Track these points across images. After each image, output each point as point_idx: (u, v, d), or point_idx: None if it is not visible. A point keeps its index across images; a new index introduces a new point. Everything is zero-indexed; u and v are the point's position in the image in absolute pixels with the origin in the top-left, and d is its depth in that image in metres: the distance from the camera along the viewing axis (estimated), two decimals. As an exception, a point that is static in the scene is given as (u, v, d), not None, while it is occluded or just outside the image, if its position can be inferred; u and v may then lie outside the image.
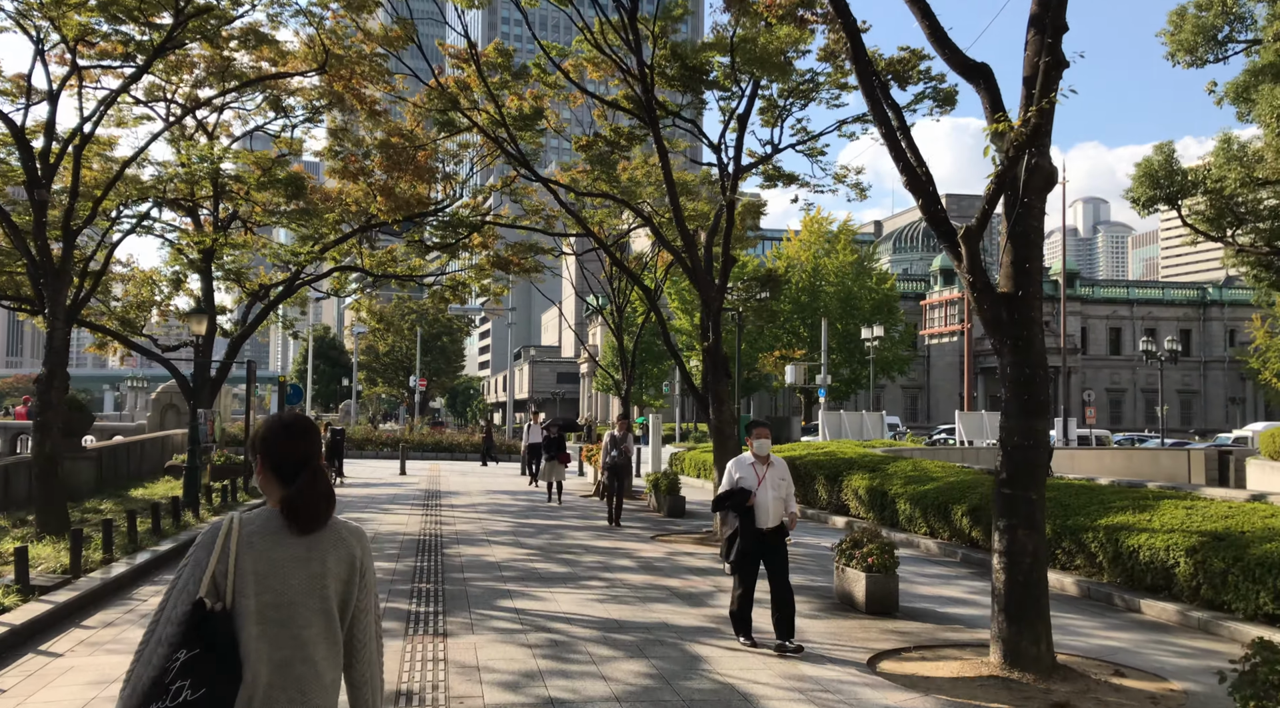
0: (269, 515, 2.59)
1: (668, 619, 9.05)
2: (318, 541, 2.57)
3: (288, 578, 2.51)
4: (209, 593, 2.45)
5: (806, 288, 58.10)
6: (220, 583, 2.47)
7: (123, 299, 24.97)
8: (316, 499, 2.58)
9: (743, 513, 7.71)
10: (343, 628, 2.60)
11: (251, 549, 2.51)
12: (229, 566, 2.48)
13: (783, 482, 7.84)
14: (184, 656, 2.36)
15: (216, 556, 2.49)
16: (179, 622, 2.42)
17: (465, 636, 8.24)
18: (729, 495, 7.78)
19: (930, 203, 7.45)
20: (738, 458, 8.01)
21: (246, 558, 2.50)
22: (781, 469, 7.90)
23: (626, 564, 12.43)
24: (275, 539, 2.54)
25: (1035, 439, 7.23)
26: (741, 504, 7.69)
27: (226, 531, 2.54)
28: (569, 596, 10.13)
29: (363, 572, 2.63)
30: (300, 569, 2.53)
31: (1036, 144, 6.95)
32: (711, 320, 15.16)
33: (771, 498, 7.73)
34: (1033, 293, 7.28)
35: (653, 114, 14.57)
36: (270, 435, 2.65)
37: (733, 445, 15.51)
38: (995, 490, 7.42)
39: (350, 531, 2.67)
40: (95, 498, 17.98)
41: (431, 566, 12.01)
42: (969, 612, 9.79)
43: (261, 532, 2.55)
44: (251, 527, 2.56)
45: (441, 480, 27.14)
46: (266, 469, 2.64)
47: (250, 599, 2.46)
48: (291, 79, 20.35)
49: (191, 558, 2.53)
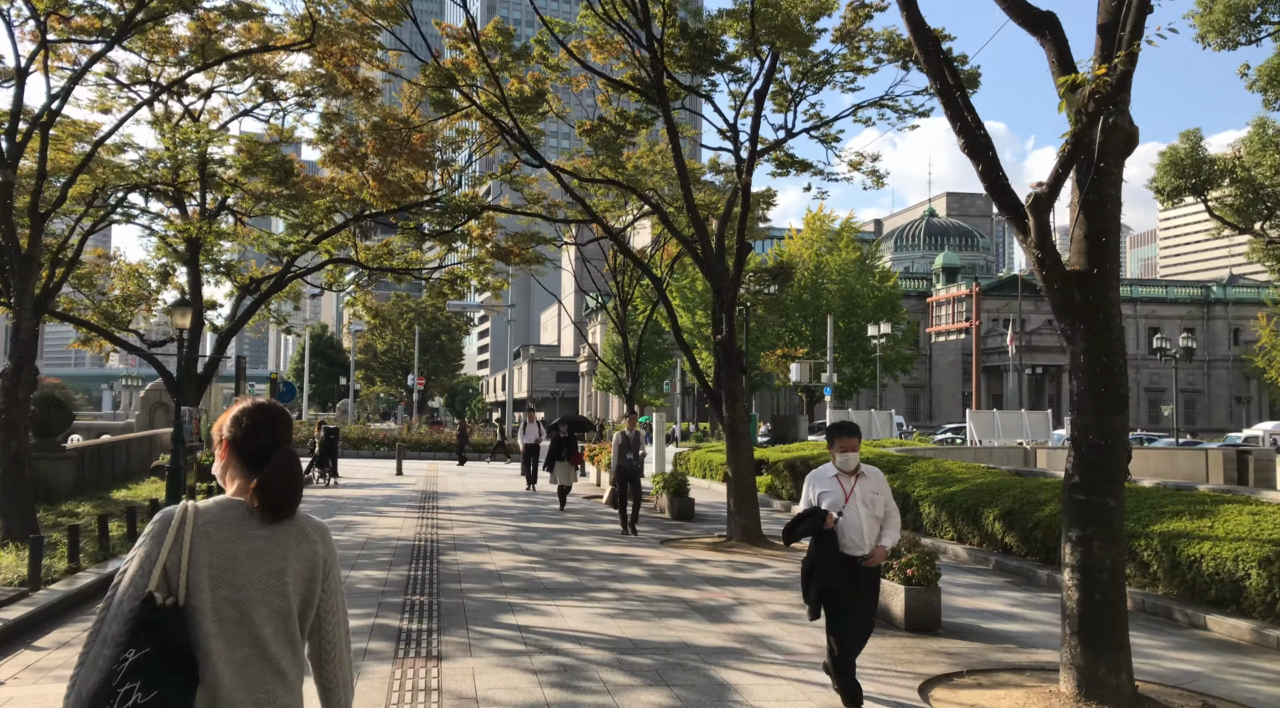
0: (227, 505, 2.42)
1: (687, 638, 8.15)
2: (279, 535, 2.41)
3: (246, 573, 2.35)
4: (160, 587, 2.29)
5: (809, 286, 57.18)
6: (172, 576, 2.30)
7: (108, 293, 24.09)
8: (291, 483, 2.43)
9: (822, 537, 5.90)
10: (304, 630, 2.46)
11: (208, 541, 2.35)
12: (182, 557, 2.31)
13: (877, 497, 6.01)
14: (133, 655, 2.20)
15: (168, 547, 2.32)
16: (126, 619, 2.25)
17: (462, 659, 7.34)
18: (802, 517, 5.96)
19: (991, 168, 6.56)
20: (816, 472, 6.20)
21: (202, 550, 2.33)
22: (876, 482, 6.06)
23: (636, 573, 11.53)
24: (234, 531, 2.38)
25: (1113, 438, 6.34)
26: (818, 526, 5.86)
27: (180, 520, 2.36)
28: (576, 610, 9.23)
29: (327, 571, 2.48)
30: (259, 564, 2.37)
31: (1117, 99, 6.06)
32: (725, 312, 14.27)
33: (864, 517, 5.93)
34: (1110, 270, 6.40)
35: (662, 90, 13.68)
36: (241, 416, 2.51)
37: (746, 445, 14.65)
38: (1065, 496, 6.53)
39: (314, 527, 2.50)
40: (73, 500, 17.07)
41: (426, 575, 11.11)
42: (1017, 628, 8.90)
43: (219, 522, 2.38)
44: (208, 516, 2.38)
45: (439, 481, 26.24)
46: (231, 454, 2.49)
47: (205, 594, 2.30)
48: (281, 63, 19.46)
49: (140, 550, 2.35)
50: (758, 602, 9.81)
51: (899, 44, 17.71)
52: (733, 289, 14.42)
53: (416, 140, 16.10)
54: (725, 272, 14.85)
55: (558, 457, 18.69)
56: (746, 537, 14.01)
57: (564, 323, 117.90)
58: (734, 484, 14.22)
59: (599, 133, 17.21)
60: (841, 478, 6.03)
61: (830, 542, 5.89)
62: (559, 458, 18.70)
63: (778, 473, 20.52)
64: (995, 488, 13.72)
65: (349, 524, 16.12)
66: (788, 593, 10.33)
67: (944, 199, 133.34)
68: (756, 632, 8.44)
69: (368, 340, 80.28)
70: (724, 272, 14.81)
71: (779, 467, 20.51)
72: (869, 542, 5.96)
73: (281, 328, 27.68)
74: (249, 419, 2.50)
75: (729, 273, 14.90)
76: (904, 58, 17.84)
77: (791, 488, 20.13)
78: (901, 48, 17.73)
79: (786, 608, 9.52)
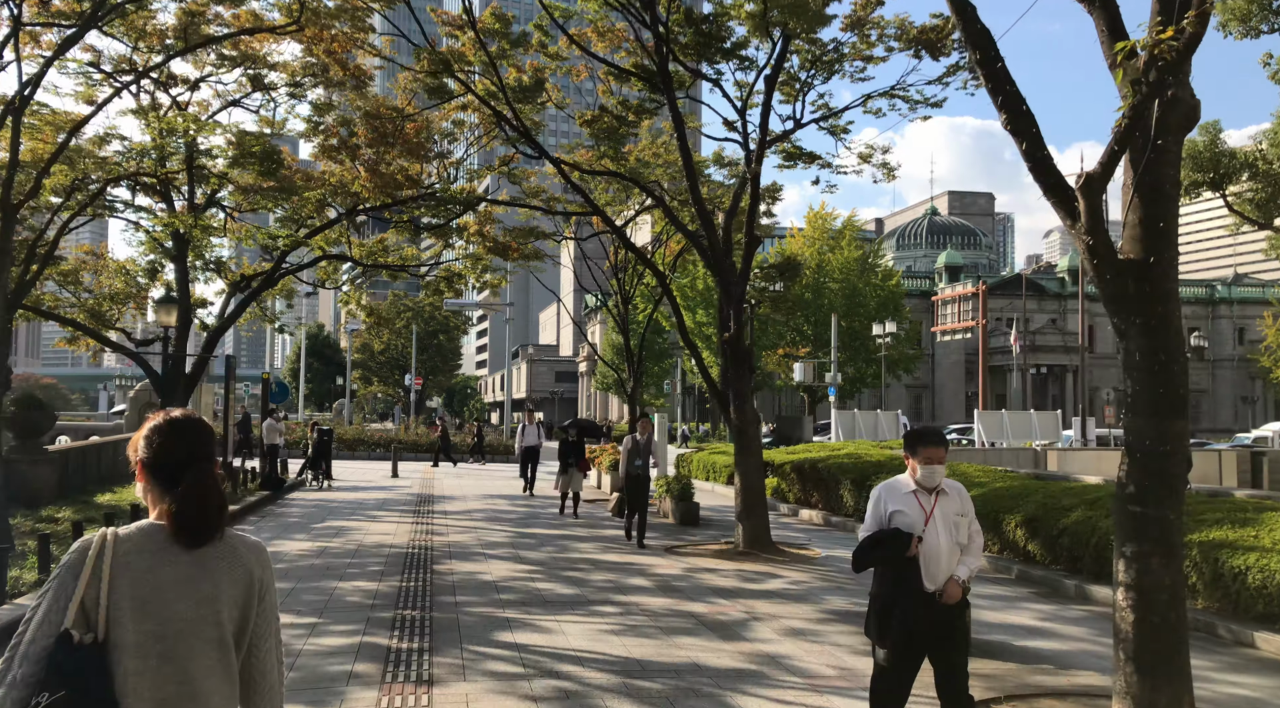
0: (150, 531, 2.26)
1: (699, 659, 7.54)
2: (209, 559, 2.25)
3: (173, 603, 2.20)
4: (77, 624, 2.14)
5: (811, 285, 56.57)
6: (91, 612, 2.15)
7: (95, 290, 23.49)
8: (206, 504, 2.26)
9: (902, 567, 4.85)
10: (238, 658, 2.29)
11: (129, 571, 2.20)
12: (101, 591, 2.16)
13: (962, 520, 5.00)
14: (45, 699, 2.06)
15: (86, 580, 2.17)
16: (38, 659, 2.10)
17: (455, 683, 6.73)
18: (879, 541, 4.91)
19: (1035, 146, 5.95)
20: (888, 485, 5.10)
21: (123, 581, 2.18)
22: (960, 501, 5.05)
23: (642, 584, 10.92)
24: (158, 558, 2.22)
25: (1172, 444, 5.74)
26: (901, 554, 4.82)
27: (98, 549, 2.21)
28: (579, 626, 8.62)
29: (262, 594, 2.33)
30: (188, 593, 2.21)
31: (1178, 70, 5.45)
32: (732, 309, 13.65)
33: (945, 544, 4.89)
34: (1168, 259, 5.79)
35: (667, 76, 13.08)
36: (152, 435, 2.33)
37: (755, 447, 14.05)
38: (1117, 507, 5.93)
39: (248, 546, 2.35)
40: (55, 505, 16.44)
41: (419, 586, 10.50)
42: (1052, 646, 8.29)
43: (140, 550, 2.23)
44: (128, 544, 2.23)
45: (435, 484, 25.63)
46: (145, 473, 2.31)
47: (128, 630, 2.15)
48: (271, 52, 18.85)
49: (54, 583, 2.20)
50: (771, 616, 9.21)
51: (911, 32, 17.13)
52: (741, 285, 13.81)
53: (411, 129, 15.48)
54: (732, 267, 14.24)
55: (566, 463, 17.77)
56: (755, 544, 13.41)
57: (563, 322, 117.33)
58: (742, 489, 13.62)
59: (601, 123, 16.60)
60: (920, 495, 4.96)
61: (914, 573, 4.81)
62: (568, 464, 17.77)
63: (785, 476, 19.91)
64: (1016, 493, 13.13)
65: (340, 530, 15.52)
66: (803, 606, 9.74)
67: (945, 198, 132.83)
68: (772, 651, 7.83)
69: (365, 340, 79.64)
70: (731, 267, 14.21)
71: (786, 469, 19.91)
72: (946, 573, 4.88)
73: (274, 327, 27.05)
74: (159, 437, 2.31)
75: (736, 268, 14.29)
76: (916, 46, 17.26)
77: (799, 492, 19.53)
78: (914, 35, 17.15)
79: (803, 623, 8.92)
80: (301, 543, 13.93)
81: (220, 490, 2.31)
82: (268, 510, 18.57)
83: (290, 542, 14.07)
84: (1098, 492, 12.32)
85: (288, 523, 16.58)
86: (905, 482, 5.05)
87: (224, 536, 2.30)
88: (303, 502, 20.33)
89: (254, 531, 15.48)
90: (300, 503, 20.06)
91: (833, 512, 17.77)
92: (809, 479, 19.03)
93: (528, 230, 20.55)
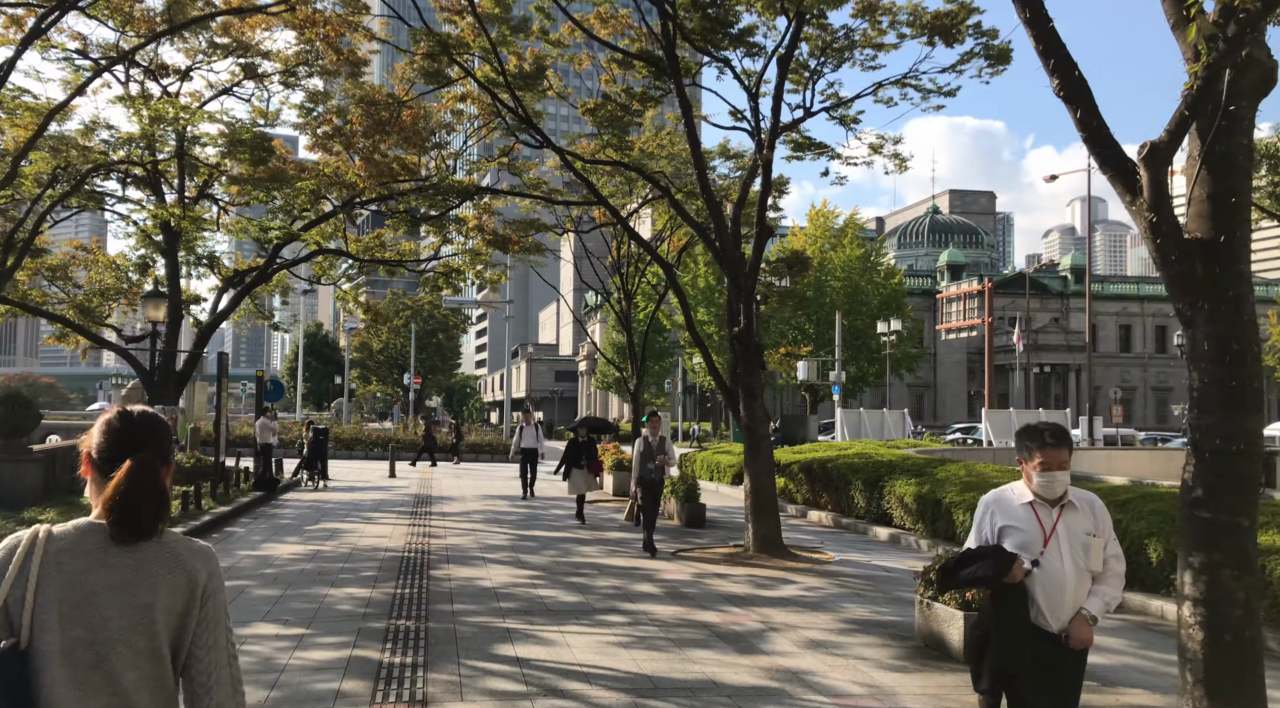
0: (86, 530, 2.09)
1: (714, 674, 6.98)
2: (147, 562, 2.07)
3: (104, 609, 2.01)
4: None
5: (813, 283, 56.03)
6: (15, 615, 1.99)
7: (85, 286, 22.95)
8: (141, 495, 2.07)
9: (1005, 594, 3.90)
10: (177, 670, 2.11)
11: (60, 572, 2.02)
12: (27, 593, 1.99)
13: (1094, 541, 3.99)
14: None
15: (10, 580, 2.00)
16: None
17: (451, 703, 6.18)
18: (971, 558, 3.96)
19: (1089, 114, 5.41)
20: (998, 495, 4.12)
21: (51, 583, 2.01)
22: (1090, 516, 4.05)
23: (649, 591, 10.37)
24: (92, 559, 2.04)
25: (1246, 443, 5.18)
26: (998, 575, 3.86)
27: (27, 548, 2.04)
28: (584, 637, 8.07)
29: (204, 600, 2.13)
30: (122, 598, 2.03)
31: (1259, 24, 4.90)
32: (742, 303, 13.09)
33: (1070, 571, 3.91)
34: (1241, 238, 5.24)
35: (674, 58, 12.53)
36: (101, 427, 2.20)
37: (766, 447, 13.48)
38: (1183, 513, 5.37)
39: (193, 550, 2.16)
40: (38, 507, 15.86)
41: (414, 593, 9.94)
42: (1094, 660, 7.68)
43: (74, 550, 2.05)
44: (61, 543, 2.05)
45: (434, 484, 25.07)
46: (90, 468, 2.18)
47: (54, 636, 1.99)
48: (264, 40, 18.30)
49: None
50: (789, 626, 8.65)
51: (924, 17, 16.61)
52: (751, 277, 13.25)
53: (408, 117, 14.90)
54: (742, 259, 13.69)
55: (575, 464, 16.71)
56: (766, 547, 12.86)
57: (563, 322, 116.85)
58: (752, 490, 13.06)
59: (604, 110, 16.04)
60: (1039, 508, 3.95)
61: (1018, 602, 3.83)
62: (576, 465, 16.73)
63: (792, 476, 19.36)
64: (1038, 494, 12.57)
65: (334, 532, 14.96)
66: (821, 615, 9.18)
67: (946, 196, 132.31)
68: (793, 666, 7.27)
69: (363, 339, 79.09)
70: (740, 259, 13.65)
71: (793, 469, 19.36)
72: (1070, 607, 3.86)
73: (269, 323, 26.50)
74: (106, 430, 2.20)
75: (746, 260, 13.73)
76: (929, 32, 16.75)
77: (807, 492, 18.98)
78: (927, 21, 16.64)
79: (822, 634, 8.37)
80: (293, 546, 13.37)
81: (160, 485, 2.14)
82: (260, 512, 18.01)
83: (281, 545, 13.51)
84: (1127, 494, 11.78)
85: (280, 525, 16.03)
86: (1020, 491, 4.02)
87: (166, 537, 2.14)
88: (297, 503, 19.78)
89: (245, 532, 14.93)
90: (294, 504, 19.50)
91: (843, 513, 17.23)
92: (818, 480, 18.49)
93: (528, 223, 19.99)
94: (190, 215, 16.24)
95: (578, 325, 37.94)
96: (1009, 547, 3.88)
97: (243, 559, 12.12)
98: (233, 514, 16.91)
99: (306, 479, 23.41)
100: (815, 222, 59.81)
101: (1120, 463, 29.37)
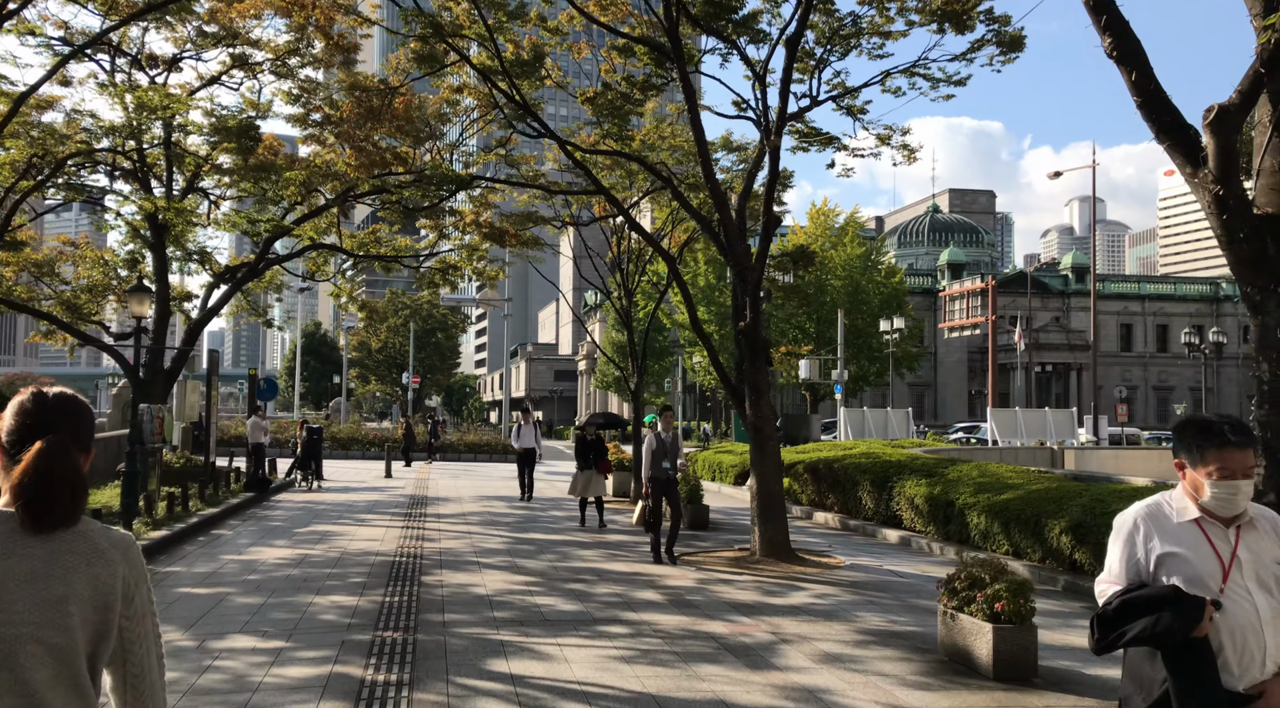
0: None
1: (723, 693, 6.45)
2: (62, 553, 1.94)
3: (13, 602, 1.88)
4: None
5: (814, 281, 55.50)
6: None
7: (72, 282, 22.42)
8: (49, 477, 1.94)
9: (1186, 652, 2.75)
10: (97, 669, 1.98)
11: None
12: None
13: None
14: None
15: None
16: None
17: (438, 728, 5.64)
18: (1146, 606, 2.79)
19: (1145, 78, 4.89)
20: (1150, 509, 2.95)
21: None
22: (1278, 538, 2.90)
23: (652, 598, 9.83)
24: (1, 549, 1.91)
25: (1322, 442, 4.65)
26: (1184, 629, 2.72)
27: None
28: (583, 651, 7.53)
29: (130, 595, 2.01)
30: (32, 591, 1.89)
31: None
32: (749, 297, 12.56)
33: (1265, 610, 2.79)
34: (1316, 214, 4.71)
35: (677, 41, 12.00)
36: (12, 409, 2.06)
37: (772, 447, 12.95)
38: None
39: (113, 541, 2.03)
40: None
41: (404, 602, 9.40)
42: (1131, 676, 7.19)
43: None
44: None
45: (430, 485, 24.54)
46: (1, 453, 2.03)
47: None
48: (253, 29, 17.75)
49: None
50: (801, 638, 8.11)
51: (934, 3, 16.07)
52: (758, 271, 12.72)
53: (400, 104, 14.36)
54: (748, 252, 13.16)
55: (585, 463, 15.82)
56: (772, 551, 12.33)
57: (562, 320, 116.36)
58: (759, 492, 12.53)
59: (604, 99, 15.50)
60: (1209, 528, 2.87)
61: (1204, 660, 2.74)
62: (585, 465, 15.78)
63: (797, 476, 18.84)
64: (1056, 496, 12.05)
65: (324, 535, 14.43)
66: (834, 625, 8.65)
67: (946, 195, 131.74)
68: (809, 683, 6.74)
69: (362, 338, 78.58)
70: (746, 252, 13.12)
71: (798, 469, 18.85)
72: (1272, 659, 2.77)
73: (262, 321, 25.98)
74: (18, 411, 2.06)
75: (752, 253, 13.20)
76: (938, 19, 16.23)
77: (813, 493, 18.46)
78: (936, 7, 16.12)
79: (837, 647, 7.83)
80: (281, 550, 12.84)
81: (75, 467, 1.99)
82: (250, 513, 17.48)
83: (269, 549, 12.97)
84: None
85: (269, 527, 15.50)
86: (1180, 505, 2.92)
87: (83, 526, 2.01)
88: (289, 504, 19.25)
89: (232, 535, 14.40)
90: (286, 505, 18.97)
91: (850, 515, 16.72)
92: (824, 480, 17.97)
93: (526, 216, 19.43)
94: (176, 206, 15.67)
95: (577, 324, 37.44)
96: (1175, 583, 2.81)
97: (226, 564, 11.59)
98: (221, 516, 16.38)
99: (300, 480, 22.90)
100: (816, 220, 59.24)
101: (1127, 462, 28.85)
